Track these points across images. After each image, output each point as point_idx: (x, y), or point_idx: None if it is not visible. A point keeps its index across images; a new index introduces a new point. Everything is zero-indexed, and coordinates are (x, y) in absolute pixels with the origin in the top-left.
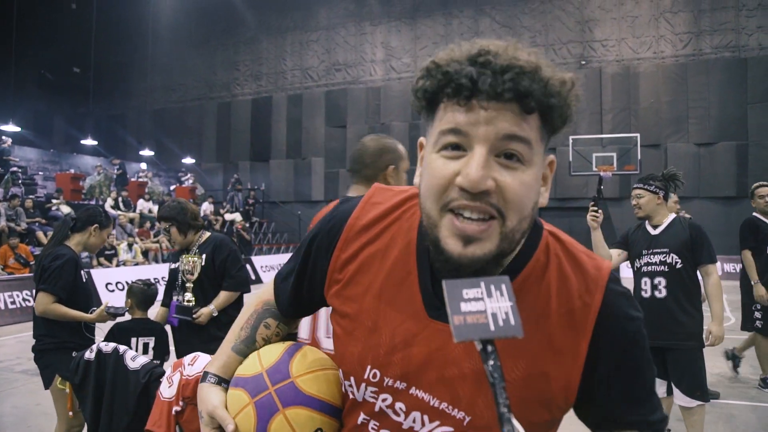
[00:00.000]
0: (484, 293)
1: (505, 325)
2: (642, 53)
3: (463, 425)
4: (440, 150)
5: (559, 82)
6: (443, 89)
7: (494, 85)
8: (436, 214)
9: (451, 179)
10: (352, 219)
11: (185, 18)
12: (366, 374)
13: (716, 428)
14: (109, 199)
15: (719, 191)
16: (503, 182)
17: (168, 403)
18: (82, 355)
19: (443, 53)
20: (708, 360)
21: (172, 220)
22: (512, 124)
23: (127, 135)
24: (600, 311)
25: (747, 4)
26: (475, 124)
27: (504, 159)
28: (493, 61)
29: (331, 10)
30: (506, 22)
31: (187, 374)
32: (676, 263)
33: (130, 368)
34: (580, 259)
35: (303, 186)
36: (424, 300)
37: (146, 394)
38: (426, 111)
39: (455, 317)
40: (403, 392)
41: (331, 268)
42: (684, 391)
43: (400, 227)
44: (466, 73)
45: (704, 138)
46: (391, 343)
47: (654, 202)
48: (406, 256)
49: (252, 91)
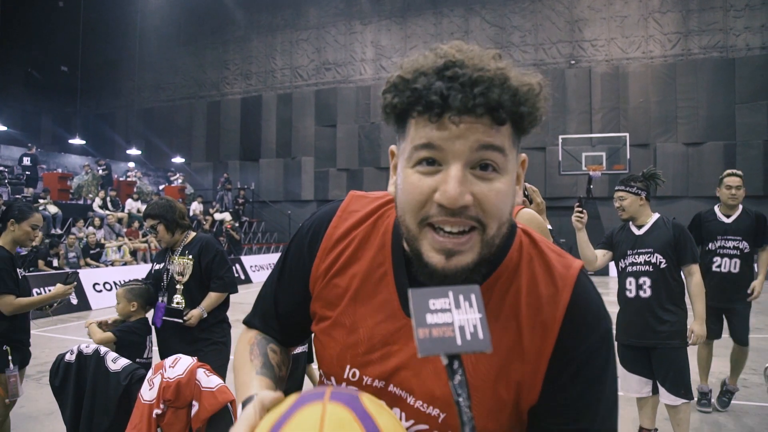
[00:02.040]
0: (452, 304)
1: (472, 339)
2: (631, 53)
3: (438, 422)
4: (415, 165)
5: (527, 88)
6: (413, 106)
7: (465, 101)
8: (415, 228)
9: (428, 195)
10: (330, 229)
11: (174, 16)
12: (345, 374)
13: (703, 427)
14: (97, 199)
15: (707, 190)
16: (481, 194)
17: (149, 405)
18: (62, 357)
19: (409, 64)
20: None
21: (159, 218)
22: (485, 135)
23: (115, 134)
24: (567, 309)
25: (734, 5)
26: (449, 140)
27: (479, 171)
28: (462, 74)
29: (321, 8)
30: (496, 21)
31: (168, 376)
32: (660, 263)
33: (111, 370)
34: (549, 258)
35: (293, 185)
36: (400, 299)
37: (127, 396)
38: (394, 123)
39: (420, 330)
40: (381, 390)
41: (313, 276)
42: (668, 389)
43: (376, 232)
44: (435, 89)
45: (693, 138)
46: (369, 343)
47: (637, 203)
48: (381, 257)
49: (242, 90)
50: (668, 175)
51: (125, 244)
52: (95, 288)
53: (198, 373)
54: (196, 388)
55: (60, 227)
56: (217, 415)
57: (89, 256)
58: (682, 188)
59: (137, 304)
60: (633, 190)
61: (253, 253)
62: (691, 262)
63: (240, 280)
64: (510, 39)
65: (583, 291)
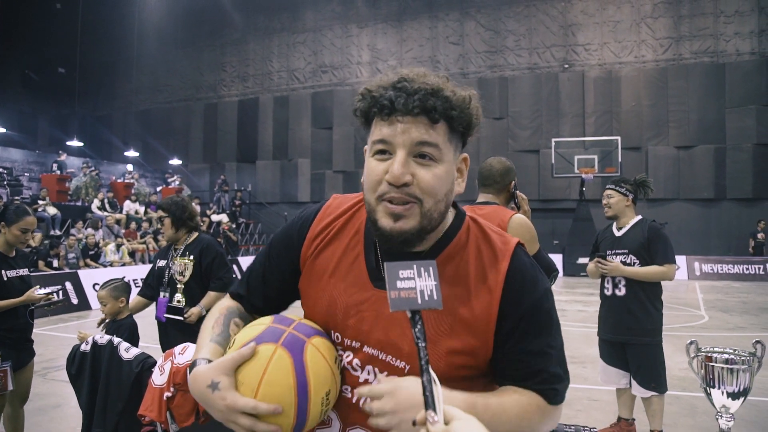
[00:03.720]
0: (415, 274)
1: (429, 299)
2: (624, 57)
3: (404, 373)
4: (374, 155)
5: (459, 97)
6: (371, 109)
7: (406, 104)
8: (373, 202)
9: (382, 176)
10: (316, 221)
11: (172, 18)
12: (332, 336)
13: (679, 420)
14: (95, 200)
15: (698, 193)
16: (419, 175)
17: (159, 389)
18: (78, 347)
19: (375, 81)
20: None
21: (168, 212)
22: (422, 132)
23: (112, 136)
24: (507, 275)
25: (725, 11)
26: (395, 135)
27: (419, 158)
28: (408, 86)
29: (317, 12)
30: (491, 25)
31: (178, 363)
32: (634, 264)
33: (124, 359)
34: (491, 236)
35: (289, 187)
36: (369, 274)
37: (139, 382)
38: (364, 126)
39: (392, 292)
40: (358, 350)
41: (303, 257)
42: (639, 382)
43: (352, 223)
44: (387, 96)
45: (684, 141)
46: (346, 311)
47: (623, 203)
48: (355, 242)
49: (239, 92)
50: (659, 178)
51: (123, 244)
52: (95, 288)
53: None
54: None
55: (59, 228)
56: None
57: (88, 256)
58: (673, 191)
59: (125, 299)
60: (621, 190)
61: (250, 254)
62: (663, 262)
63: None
64: (504, 43)
65: (519, 260)
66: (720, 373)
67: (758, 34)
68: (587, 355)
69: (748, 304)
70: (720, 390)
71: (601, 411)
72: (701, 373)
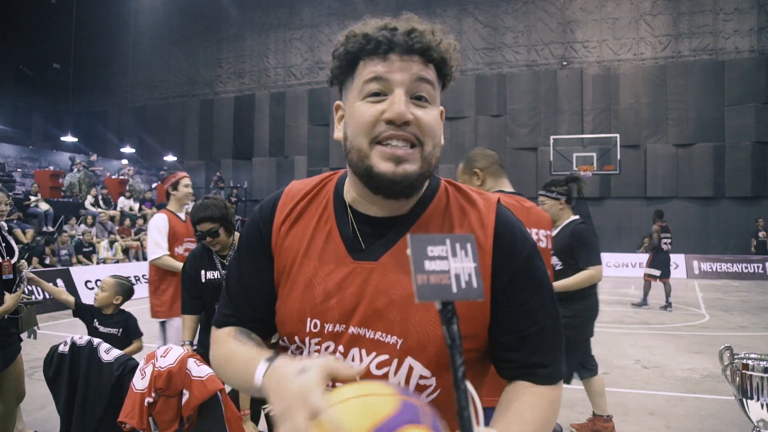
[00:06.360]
0: (449, 251)
1: (467, 287)
2: (622, 55)
3: (396, 349)
4: (365, 98)
5: (447, 41)
6: (364, 47)
7: (406, 41)
8: (366, 146)
9: (377, 117)
10: (280, 207)
11: (167, 14)
12: (307, 327)
13: (685, 424)
14: (89, 197)
15: (696, 191)
16: (418, 116)
17: (141, 394)
18: (56, 348)
19: (356, 27)
20: (680, 356)
21: (221, 221)
22: (420, 70)
23: (107, 132)
24: (495, 230)
25: (724, 9)
26: (393, 72)
27: (416, 100)
28: (400, 27)
29: (314, 8)
30: (489, 22)
31: (159, 366)
32: (555, 265)
33: (103, 361)
34: (472, 196)
35: (285, 184)
36: (346, 247)
37: (119, 386)
38: (344, 73)
39: (419, 276)
40: (341, 334)
41: (274, 248)
42: None
43: (318, 199)
44: (382, 34)
45: (682, 139)
46: (325, 291)
47: (556, 207)
48: (325, 217)
49: (235, 88)
50: (658, 176)
51: (117, 241)
52: (87, 285)
53: (189, 363)
54: (187, 377)
55: (52, 225)
56: (207, 402)
57: (81, 253)
58: (672, 189)
59: (122, 300)
60: (552, 195)
61: None
62: (585, 265)
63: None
64: (503, 40)
65: (505, 214)
66: (759, 383)
67: (757, 32)
68: None
69: (748, 303)
70: (758, 402)
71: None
72: (737, 382)
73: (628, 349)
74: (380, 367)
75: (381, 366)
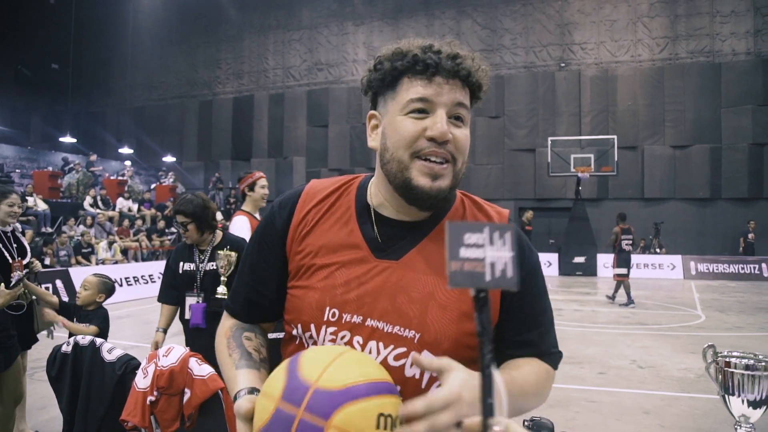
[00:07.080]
0: (486, 239)
1: (501, 276)
2: (620, 56)
3: (414, 343)
4: (408, 113)
5: (483, 68)
6: (412, 67)
7: (453, 67)
8: (407, 159)
9: (420, 133)
10: (300, 204)
11: (167, 15)
12: (325, 316)
13: (679, 422)
14: (87, 197)
15: (693, 193)
16: (456, 135)
17: (143, 393)
18: (59, 348)
19: (402, 45)
20: (676, 356)
21: (192, 218)
22: (459, 95)
23: (106, 133)
24: None
25: (721, 11)
26: (438, 94)
27: (454, 120)
28: (444, 51)
29: (313, 9)
30: (487, 23)
31: (162, 365)
32: None
33: (106, 360)
34: (485, 208)
35: (284, 185)
36: (369, 246)
37: (122, 385)
38: (386, 86)
39: (453, 263)
40: (359, 326)
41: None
42: None
43: (341, 200)
44: (429, 56)
45: (680, 140)
46: (346, 285)
47: None
48: (346, 218)
49: (234, 89)
50: (655, 178)
51: (116, 242)
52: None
53: (190, 362)
54: (188, 376)
55: (50, 226)
56: (208, 401)
57: (80, 254)
58: (669, 190)
59: (104, 297)
60: None
61: None
62: None
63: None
64: (501, 41)
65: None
66: (740, 379)
67: (754, 34)
68: (584, 355)
69: (744, 304)
70: (740, 398)
71: (599, 413)
72: (719, 379)
73: (625, 350)
74: (398, 359)
75: (398, 358)
